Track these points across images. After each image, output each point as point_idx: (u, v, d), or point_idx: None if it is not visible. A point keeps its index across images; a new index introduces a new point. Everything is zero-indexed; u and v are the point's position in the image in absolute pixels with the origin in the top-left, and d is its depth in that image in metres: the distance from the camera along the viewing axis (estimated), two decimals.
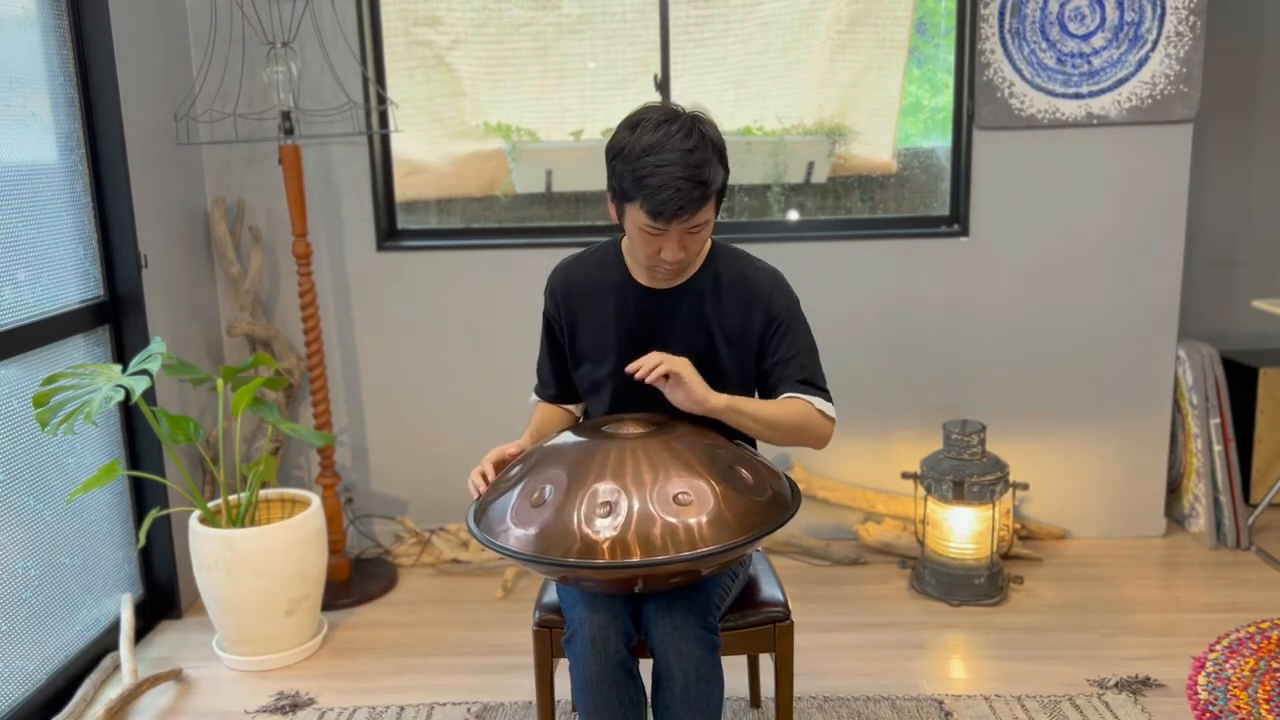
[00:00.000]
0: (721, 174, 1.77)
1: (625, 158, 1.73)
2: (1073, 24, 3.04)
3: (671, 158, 1.70)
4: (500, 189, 3.34)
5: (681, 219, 1.73)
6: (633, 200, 1.74)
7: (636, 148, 1.72)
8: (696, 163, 1.71)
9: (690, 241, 1.79)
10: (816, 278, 3.15)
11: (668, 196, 1.70)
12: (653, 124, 1.73)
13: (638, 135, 1.73)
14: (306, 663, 2.72)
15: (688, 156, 1.70)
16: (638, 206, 1.73)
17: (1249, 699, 2.39)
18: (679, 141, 1.71)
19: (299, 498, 2.84)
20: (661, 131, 1.72)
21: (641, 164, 1.71)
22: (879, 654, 2.67)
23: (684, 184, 1.70)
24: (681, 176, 1.69)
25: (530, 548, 1.61)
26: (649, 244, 1.79)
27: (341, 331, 3.29)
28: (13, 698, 2.38)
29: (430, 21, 3.22)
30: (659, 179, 1.69)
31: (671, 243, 1.77)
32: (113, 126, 2.68)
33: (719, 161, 1.76)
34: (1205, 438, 3.24)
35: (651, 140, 1.71)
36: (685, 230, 1.76)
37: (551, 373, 2.06)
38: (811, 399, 1.87)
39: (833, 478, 3.33)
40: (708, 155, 1.73)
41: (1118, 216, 3.15)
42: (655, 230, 1.75)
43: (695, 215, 1.74)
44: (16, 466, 2.44)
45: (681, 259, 1.80)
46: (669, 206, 1.70)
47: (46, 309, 2.54)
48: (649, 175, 1.70)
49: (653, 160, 1.70)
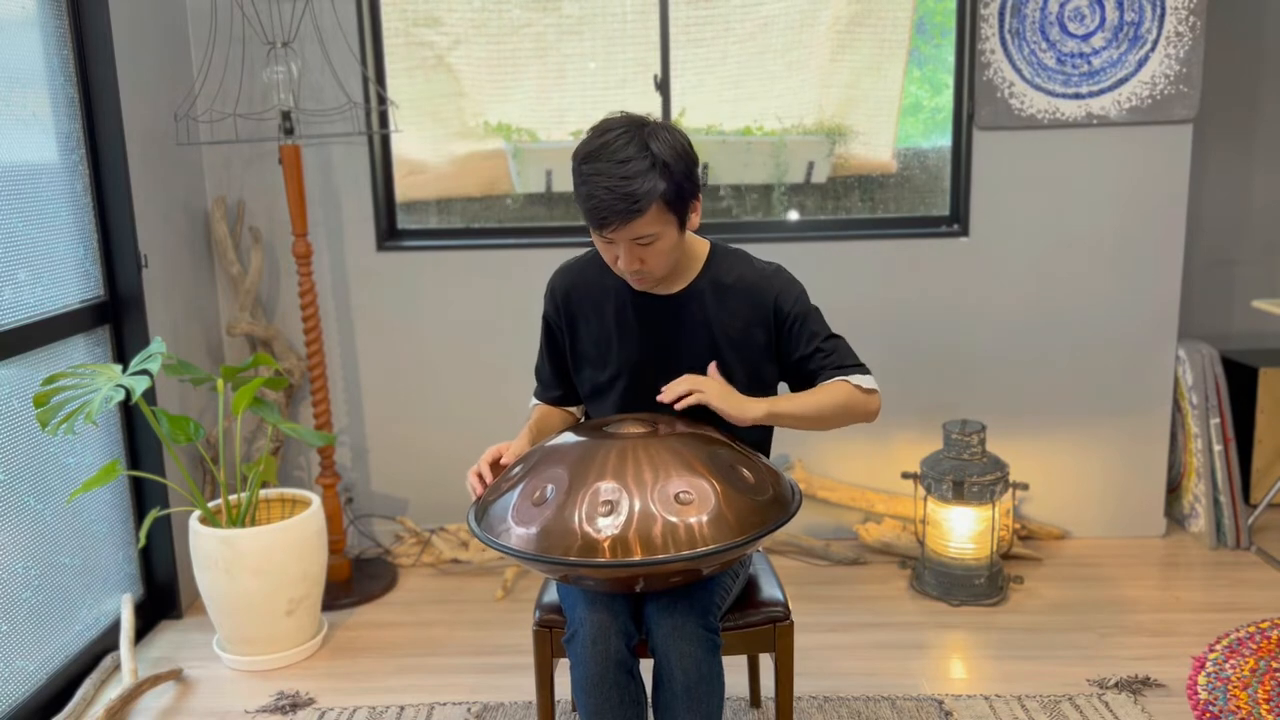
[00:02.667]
0: (660, 186, 1.71)
1: (574, 165, 1.76)
2: (1073, 24, 3.04)
3: (602, 168, 1.70)
4: (502, 190, 3.34)
5: (611, 228, 1.72)
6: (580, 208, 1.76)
7: (579, 154, 1.74)
8: (626, 174, 1.69)
9: (644, 253, 1.77)
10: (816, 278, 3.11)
11: (593, 206, 1.71)
12: (599, 131, 1.75)
13: (585, 142, 1.75)
14: (306, 663, 2.72)
15: (618, 168, 1.69)
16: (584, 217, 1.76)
17: (1249, 699, 2.39)
18: (615, 151, 1.70)
19: (299, 498, 2.84)
20: (601, 140, 1.73)
21: (578, 171, 1.74)
22: (879, 654, 2.67)
23: (608, 195, 1.69)
24: (606, 187, 1.69)
25: (531, 546, 1.61)
26: (605, 251, 1.81)
27: (341, 331, 3.29)
28: (13, 698, 2.38)
29: (430, 21, 3.22)
30: (588, 187, 1.71)
31: (622, 253, 1.77)
32: (113, 126, 2.69)
33: (661, 174, 1.71)
34: (1205, 438, 3.24)
35: (590, 148, 1.73)
36: (632, 241, 1.75)
37: (552, 375, 2.06)
38: (849, 378, 1.87)
39: (833, 478, 3.33)
40: (643, 168, 1.69)
41: (1118, 216, 3.16)
42: (603, 239, 1.77)
43: (627, 226, 1.71)
44: (16, 466, 2.44)
45: (638, 270, 1.79)
46: (595, 216, 1.71)
47: (46, 309, 2.54)
48: (582, 183, 1.73)
49: (586, 169, 1.72)
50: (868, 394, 1.88)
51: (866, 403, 1.88)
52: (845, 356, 1.91)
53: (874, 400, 1.90)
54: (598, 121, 1.79)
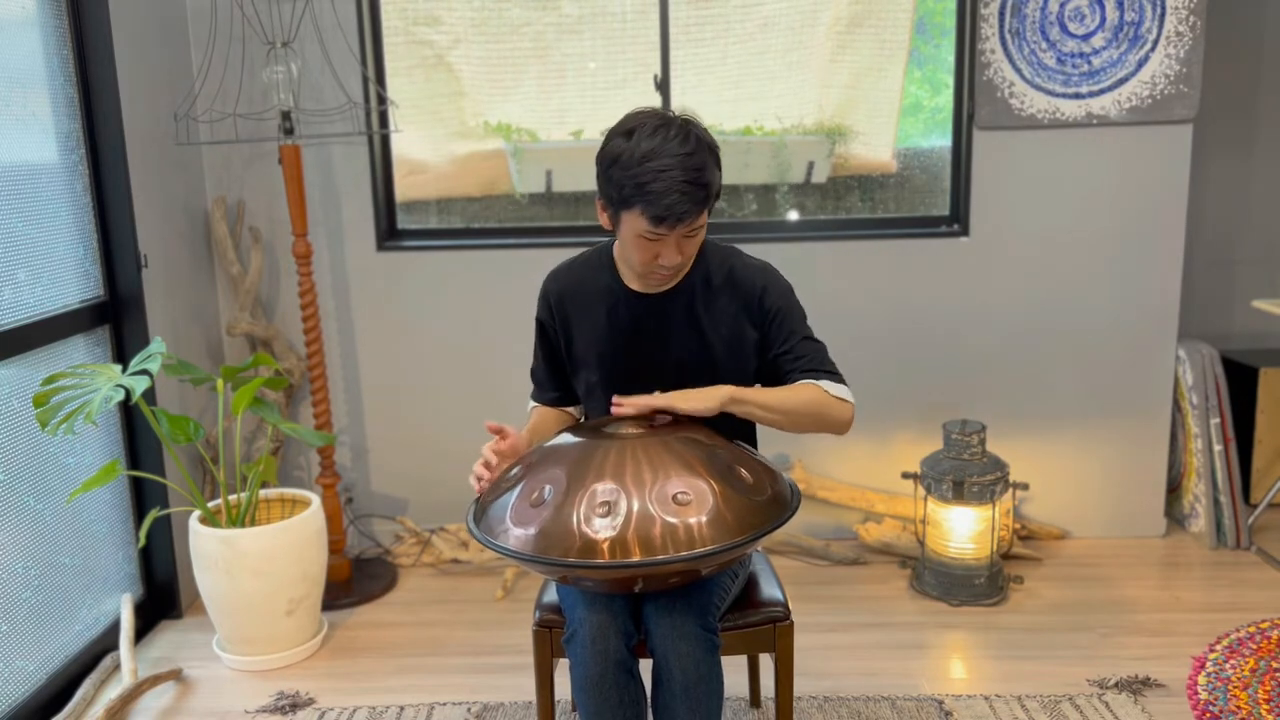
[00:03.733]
0: (719, 176, 1.79)
1: (623, 164, 1.73)
2: (1073, 24, 3.04)
3: (672, 162, 1.71)
4: (502, 190, 3.34)
5: (685, 223, 1.74)
6: (632, 207, 1.74)
7: (635, 154, 1.72)
8: (697, 166, 1.72)
9: (687, 245, 1.81)
10: (816, 278, 3.15)
11: (672, 201, 1.71)
12: (649, 130, 1.74)
13: (635, 142, 1.73)
14: (306, 663, 2.72)
15: (688, 160, 1.71)
16: (638, 213, 1.74)
17: (1249, 699, 2.39)
18: (677, 146, 1.72)
19: (299, 498, 2.84)
20: (659, 137, 1.73)
21: (642, 170, 1.71)
22: (879, 654, 2.67)
23: (687, 187, 1.71)
24: (684, 180, 1.71)
25: (530, 548, 1.61)
26: (646, 250, 1.80)
27: (341, 331, 3.29)
28: (13, 698, 2.39)
29: (430, 21, 3.22)
30: (661, 184, 1.70)
31: (670, 248, 1.78)
32: (113, 126, 2.69)
33: (715, 164, 1.78)
34: (1205, 438, 3.24)
35: (650, 146, 1.72)
36: (684, 234, 1.78)
37: (549, 376, 2.06)
38: (820, 382, 1.86)
39: (833, 478, 3.33)
40: (706, 159, 1.74)
41: (1118, 216, 3.15)
42: (654, 236, 1.76)
43: (697, 219, 1.76)
44: (16, 466, 2.44)
45: (678, 263, 1.82)
46: (673, 211, 1.71)
47: (46, 309, 2.54)
48: (651, 181, 1.71)
49: (653, 166, 1.71)
50: (839, 402, 1.86)
51: (838, 410, 1.85)
52: (820, 361, 1.90)
53: (846, 410, 1.87)
54: (622, 122, 1.79)
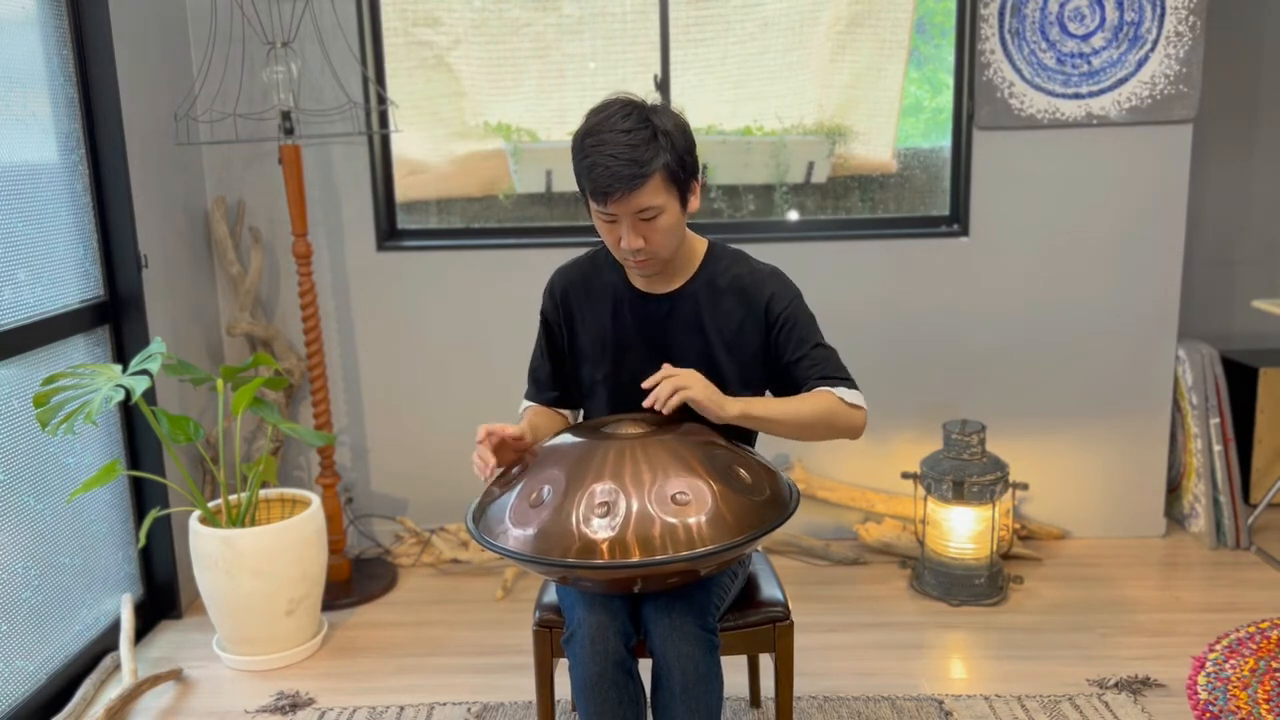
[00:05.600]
0: (664, 156, 1.74)
1: (575, 146, 1.78)
2: (1072, 24, 3.04)
3: (606, 137, 1.73)
4: (502, 190, 3.34)
5: (616, 198, 1.73)
6: (583, 187, 1.78)
7: (580, 132, 1.77)
8: (631, 142, 1.72)
9: (646, 230, 1.78)
10: (816, 278, 3.12)
11: (599, 174, 1.72)
12: (598, 110, 1.78)
13: (585, 121, 1.78)
14: (306, 663, 2.72)
15: (621, 136, 1.73)
16: (588, 193, 1.77)
17: (1249, 699, 2.39)
18: (617, 123, 1.74)
19: (299, 498, 2.84)
20: (602, 115, 1.76)
21: (582, 146, 1.76)
22: (879, 654, 2.67)
23: (614, 163, 1.71)
24: (611, 154, 1.72)
25: (529, 548, 1.61)
26: (608, 233, 1.81)
27: (341, 331, 3.29)
28: (13, 698, 2.39)
29: (430, 21, 3.22)
30: (592, 158, 1.73)
31: (626, 230, 1.78)
32: (113, 126, 2.69)
33: (663, 145, 1.75)
34: (1205, 438, 3.24)
35: (592, 123, 1.76)
36: (635, 215, 1.76)
37: (550, 375, 2.05)
38: (834, 389, 1.85)
39: (833, 478, 3.33)
40: (646, 137, 1.74)
41: (1118, 216, 3.15)
42: (606, 216, 1.78)
43: (634, 196, 1.73)
44: (16, 466, 2.44)
45: (641, 248, 1.79)
46: (601, 186, 1.73)
47: (46, 309, 2.54)
48: (585, 156, 1.75)
49: (591, 142, 1.74)
50: (852, 409, 1.86)
51: (851, 417, 1.85)
52: (834, 368, 1.89)
53: (859, 416, 1.87)
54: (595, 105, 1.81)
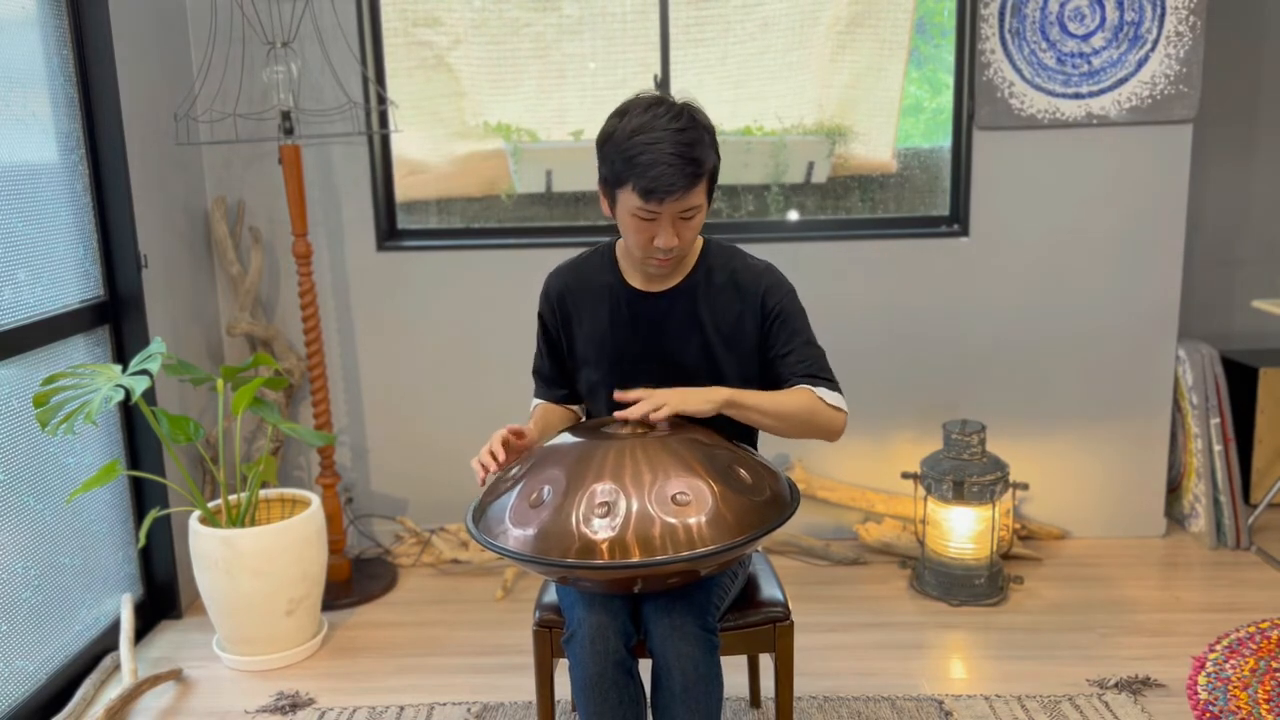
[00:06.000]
0: (713, 156, 1.77)
1: (615, 141, 1.74)
2: (1073, 24, 3.04)
3: (661, 135, 1.71)
4: (502, 190, 3.34)
5: (674, 197, 1.72)
6: (624, 183, 1.74)
7: (626, 129, 1.73)
8: (688, 140, 1.71)
9: (683, 228, 1.78)
10: (816, 278, 3.14)
11: (659, 173, 1.70)
12: (641, 107, 1.75)
13: (627, 119, 1.75)
14: (306, 663, 2.72)
15: (678, 135, 1.71)
16: (630, 189, 1.73)
17: (1249, 699, 2.39)
18: (668, 121, 1.72)
19: (299, 498, 2.84)
20: (650, 113, 1.74)
21: (631, 144, 1.72)
22: (879, 654, 2.67)
23: (675, 160, 1.70)
24: (672, 153, 1.70)
25: (529, 548, 1.61)
26: (642, 231, 1.78)
27: (341, 331, 3.29)
28: (13, 698, 2.39)
29: (430, 21, 3.22)
30: (650, 156, 1.70)
31: (664, 228, 1.77)
32: (113, 126, 2.69)
33: (710, 144, 1.76)
34: (1205, 438, 3.24)
35: (641, 121, 1.73)
36: (677, 214, 1.75)
37: (554, 373, 2.06)
38: (815, 389, 1.86)
39: (833, 478, 3.33)
40: (699, 135, 1.73)
41: (1118, 216, 3.15)
42: (647, 214, 1.75)
43: (687, 195, 1.73)
44: (16, 466, 2.44)
45: (675, 246, 1.79)
46: (660, 183, 1.70)
47: (46, 309, 2.54)
48: (639, 154, 1.71)
49: (642, 139, 1.71)
50: (832, 411, 1.86)
51: (831, 418, 1.86)
52: (819, 367, 1.89)
53: (838, 418, 1.87)
54: (621, 106, 1.79)
